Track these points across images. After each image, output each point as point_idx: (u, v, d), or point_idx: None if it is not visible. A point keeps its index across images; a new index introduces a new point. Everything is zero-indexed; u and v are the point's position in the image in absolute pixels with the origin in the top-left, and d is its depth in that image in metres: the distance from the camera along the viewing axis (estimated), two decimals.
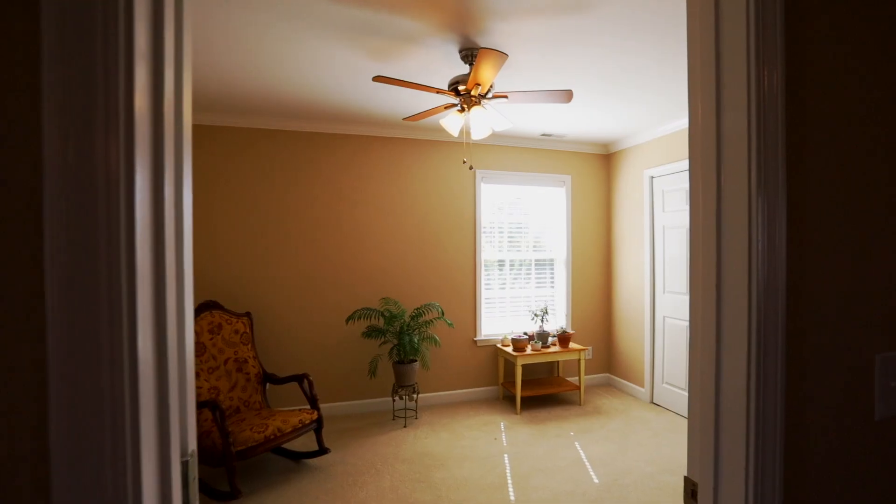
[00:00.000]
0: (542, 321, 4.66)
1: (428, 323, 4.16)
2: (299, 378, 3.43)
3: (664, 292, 4.47)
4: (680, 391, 4.29)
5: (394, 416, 4.26)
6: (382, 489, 2.99)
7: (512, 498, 2.89)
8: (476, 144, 4.70)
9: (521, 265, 5.04)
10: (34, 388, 0.57)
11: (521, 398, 4.44)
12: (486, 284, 4.88)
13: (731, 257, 0.78)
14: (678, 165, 4.26)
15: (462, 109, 2.87)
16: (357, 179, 4.42)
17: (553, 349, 4.53)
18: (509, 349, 4.53)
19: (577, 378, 4.95)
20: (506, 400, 4.71)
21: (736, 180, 0.78)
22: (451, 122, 2.93)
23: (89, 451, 0.57)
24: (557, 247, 5.16)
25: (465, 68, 2.89)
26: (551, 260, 5.15)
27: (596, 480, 3.09)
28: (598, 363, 5.24)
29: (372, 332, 4.00)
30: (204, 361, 3.36)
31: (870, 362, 0.88)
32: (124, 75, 0.59)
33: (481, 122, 2.86)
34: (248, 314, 3.75)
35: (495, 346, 4.81)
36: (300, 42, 2.62)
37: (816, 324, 0.84)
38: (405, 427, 4.03)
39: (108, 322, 0.58)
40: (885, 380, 0.87)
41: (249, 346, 3.65)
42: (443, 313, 4.29)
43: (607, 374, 5.27)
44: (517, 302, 5.02)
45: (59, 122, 0.56)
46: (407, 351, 3.99)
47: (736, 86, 0.79)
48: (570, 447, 3.62)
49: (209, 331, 3.47)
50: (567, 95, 2.79)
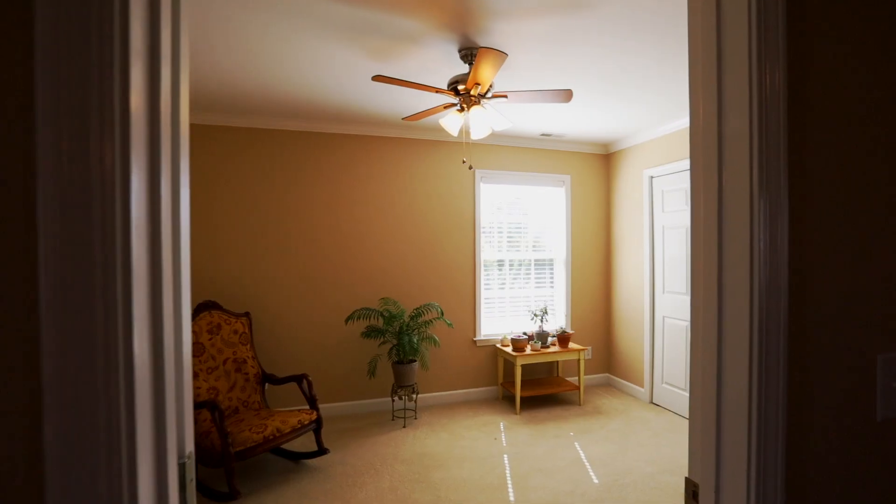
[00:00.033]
0: (542, 321, 4.66)
1: (427, 323, 4.15)
2: (298, 378, 3.43)
3: (664, 292, 4.47)
4: (679, 391, 4.29)
5: (393, 416, 4.25)
6: (382, 490, 2.99)
7: (511, 498, 2.89)
8: (475, 144, 4.69)
9: (520, 265, 5.04)
10: (28, 388, 0.56)
11: (521, 398, 4.43)
12: (485, 284, 4.87)
13: (733, 257, 0.78)
14: (678, 165, 4.25)
15: (461, 109, 2.86)
16: (356, 179, 4.42)
17: (552, 349, 4.53)
18: (509, 349, 4.52)
19: (576, 378, 4.95)
20: (505, 400, 4.70)
21: (737, 180, 0.77)
22: (451, 122, 2.92)
23: (84, 453, 0.57)
24: (557, 247, 5.15)
25: (464, 68, 2.88)
26: (551, 260, 5.15)
27: (595, 481, 3.09)
28: (597, 363, 5.24)
29: (371, 333, 4.00)
30: (203, 362, 3.35)
31: (872, 363, 0.87)
32: (119, 74, 0.59)
33: (481, 121, 2.86)
34: (247, 314, 3.75)
35: (495, 346, 4.81)
36: (300, 42, 2.61)
37: (818, 324, 0.84)
38: (404, 427, 4.03)
39: (103, 322, 0.57)
40: (886, 380, 0.87)
41: (248, 346, 3.64)
42: (442, 313, 4.28)
43: (607, 374, 5.27)
44: (516, 302, 5.02)
45: (54, 121, 0.55)
46: (406, 351, 3.98)
47: (738, 85, 0.79)
48: (569, 447, 3.61)
49: (208, 331, 3.46)
50: (567, 95, 2.79)
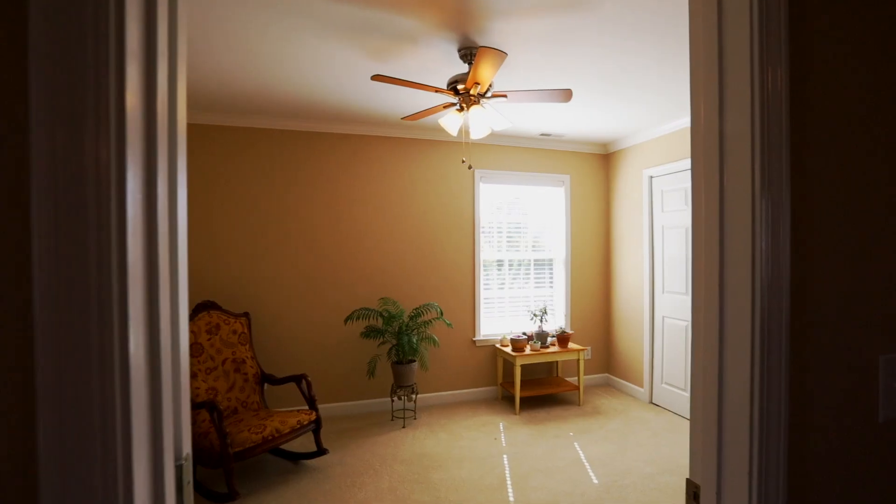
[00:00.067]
0: (541, 321, 4.65)
1: (427, 323, 4.15)
2: (297, 378, 3.42)
3: (663, 292, 4.47)
4: (679, 391, 4.28)
5: (392, 416, 4.25)
6: (381, 490, 2.98)
7: (511, 499, 2.88)
8: (475, 144, 4.69)
9: (519, 265, 5.03)
10: (21, 389, 0.55)
11: (520, 398, 4.43)
12: (484, 284, 4.87)
13: (734, 258, 0.77)
14: (677, 165, 4.25)
15: (461, 109, 2.85)
16: (356, 179, 4.41)
17: (552, 349, 4.52)
18: (508, 349, 4.52)
19: (576, 378, 4.94)
20: (505, 400, 4.70)
21: (739, 180, 0.77)
22: (450, 122, 2.92)
23: (78, 455, 0.56)
24: (556, 247, 5.15)
25: (464, 67, 2.88)
26: (550, 260, 5.14)
27: (595, 481, 3.08)
28: (597, 363, 5.24)
29: (370, 333, 3.99)
30: (202, 362, 3.34)
31: (873, 363, 0.87)
32: (115, 73, 0.58)
33: (480, 121, 2.85)
34: (246, 314, 3.74)
35: (494, 346, 4.80)
36: (300, 41, 2.60)
37: (820, 325, 0.83)
38: (404, 428, 4.02)
39: (97, 322, 0.57)
40: (888, 381, 0.86)
41: (247, 346, 3.63)
42: (441, 313, 4.27)
43: (606, 375, 5.27)
44: (516, 302, 5.01)
45: (48, 120, 0.55)
46: (406, 351, 3.97)
47: (739, 85, 0.78)
48: (569, 447, 3.61)
49: (207, 331, 3.45)
50: (566, 95, 2.78)
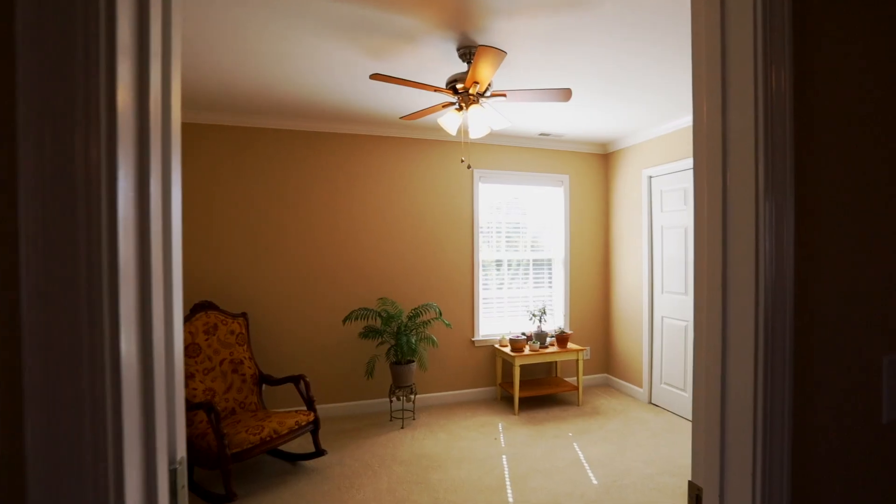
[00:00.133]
0: (540, 321, 4.64)
1: (425, 323, 4.13)
2: (296, 379, 3.40)
3: (662, 292, 4.46)
4: (678, 391, 4.27)
5: (391, 417, 4.23)
6: (379, 491, 2.97)
7: (510, 499, 2.87)
8: (474, 144, 4.68)
9: (518, 265, 5.02)
10: (8, 390, 0.54)
11: (519, 399, 4.42)
12: (483, 284, 4.86)
13: (738, 259, 0.76)
14: (677, 165, 4.24)
15: (460, 108, 2.84)
16: (354, 178, 4.40)
17: (551, 349, 4.51)
18: (507, 349, 4.51)
19: (575, 378, 4.93)
20: (504, 400, 4.69)
21: (742, 181, 0.76)
22: (449, 121, 2.91)
23: (68, 459, 0.55)
24: (555, 247, 5.14)
25: (463, 66, 2.87)
26: (549, 260, 5.13)
27: (595, 481, 3.07)
28: (596, 363, 5.23)
29: (369, 333, 3.98)
30: (199, 362, 3.33)
31: (877, 364, 0.86)
32: (106, 70, 0.57)
33: (479, 120, 2.84)
34: (243, 315, 3.72)
35: (493, 346, 4.79)
36: (298, 40, 2.59)
37: (823, 325, 0.82)
38: (402, 428, 4.01)
39: (88, 323, 0.55)
40: (892, 382, 0.85)
41: (245, 346, 3.62)
42: (440, 314, 4.26)
43: (605, 375, 5.26)
44: (515, 302, 5.00)
45: (35, 117, 0.53)
46: (404, 351, 3.96)
47: (742, 84, 0.77)
48: (568, 448, 3.60)
49: (204, 331, 3.43)
50: (566, 94, 2.77)
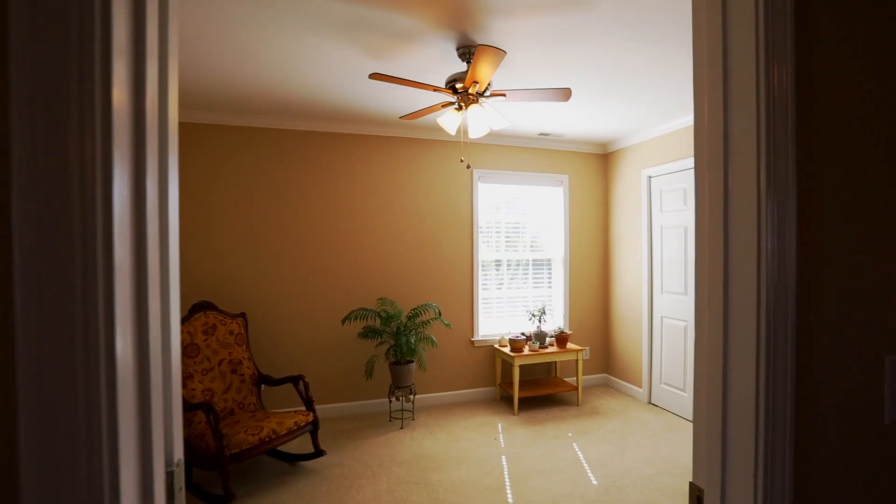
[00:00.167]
0: (540, 321, 4.63)
1: (425, 323, 4.13)
2: (295, 379, 3.40)
3: (662, 292, 4.46)
4: (678, 391, 4.27)
5: (390, 417, 4.22)
6: (379, 491, 2.96)
7: (510, 500, 2.86)
8: (473, 143, 4.67)
9: (518, 265, 5.02)
10: (2, 391, 0.53)
11: (519, 399, 4.41)
12: (483, 284, 4.85)
13: (739, 258, 0.76)
14: (676, 165, 4.24)
15: (459, 108, 2.84)
16: (354, 178, 4.39)
17: (550, 349, 4.51)
18: (507, 350, 4.50)
19: (574, 378, 4.93)
20: (503, 401, 4.68)
21: (744, 180, 0.75)
22: (449, 121, 2.90)
23: (62, 461, 0.54)
24: (555, 247, 5.13)
25: (462, 66, 2.86)
26: (549, 260, 5.13)
27: (594, 482, 3.07)
28: (595, 363, 5.22)
29: (368, 333, 3.97)
30: (198, 363, 3.32)
31: (879, 364, 0.85)
32: (101, 69, 0.56)
33: (479, 120, 2.83)
34: (242, 315, 3.71)
35: (492, 346, 4.78)
36: (298, 40, 2.58)
37: (824, 325, 0.82)
38: (402, 428, 4.00)
39: (82, 322, 0.55)
40: (894, 382, 0.85)
41: (244, 347, 3.61)
42: (440, 314, 4.25)
43: (605, 375, 5.26)
44: (514, 302, 5.00)
45: (28, 116, 0.53)
46: (404, 352, 3.95)
47: (744, 82, 0.76)
48: (568, 448, 3.59)
49: (203, 332, 3.42)
50: (565, 94, 2.76)
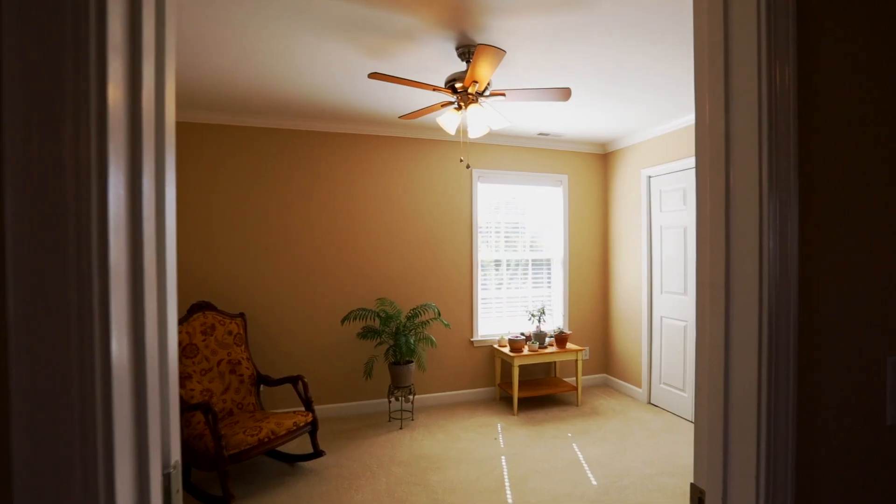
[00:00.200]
0: (539, 321, 4.63)
1: (424, 324, 4.12)
2: (294, 380, 3.39)
3: (661, 292, 4.45)
4: (677, 391, 4.27)
5: (390, 417, 4.22)
6: (378, 492, 2.95)
7: (510, 500, 2.86)
8: (473, 143, 4.66)
9: (517, 265, 5.01)
10: None
11: (518, 399, 4.41)
12: (482, 285, 4.85)
13: (741, 257, 0.75)
14: (676, 165, 4.24)
15: (459, 107, 2.83)
16: (353, 178, 4.38)
17: (550, 350, 4.50)
18: (506, 350, 4.49)
19: (574, 379, 4.92)
20: (503, 401, 4.68)
21: (746, 179, 0.75)
22: (448, 121, 2.89)
23: (55, 464, 0.53)
24: (554, 247, 5.13)
25: (462, 65, 2.86)
26: (548, 260, 5.12)
27: (594, 482, 3.06)
28: (595, 364, 5.22)
29: (367, 333, 3.96)
30: (197, 363, 3.31)
31: (881, 365, 0.85)
32: (96, 68, 0.56)
33: (478, 120, 2.82)
34: (241, 315, 3.70)
35: (492, 346, 4.78)
36: (297, 39, 2.58)
37: (826, 325, 0.81)
38: (401, 429, 3.99)
39: (77, 325, 0.54)
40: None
41: (243, 347, 3.60)
42: (439, 314, 4.25)
43: (604, 375, 5.25)
44: (514, 302, 4.99)
45: (22, 114, 0.52)
46: (403, 352, 3.95)
47: (746, 81, 0.76)
48: (567, 448, 3.59)
49: (202, 332, 3.42)
50: (565, 93, 2.76)
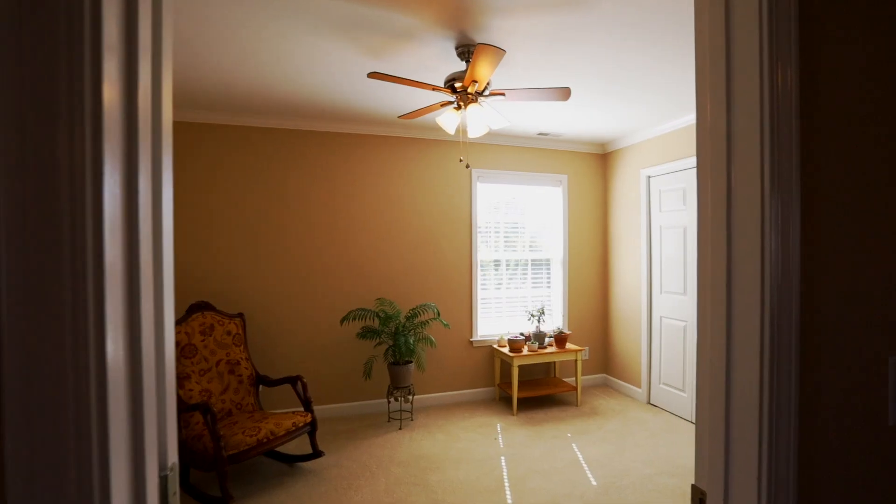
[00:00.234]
0: (539, 321, 4.62)
1: (424, 324, 4.11)
2: (293, 380, 3.38)
3: (661, 292, 4.45)
4: (677, 391, 4.26)
5: (389, 418, 4.21)
6: (377, 492, 2.95)
7: (509, 501, 2.85)
8: (472, 143, 4.66)
9: (517, 265, 5.01)
10: None
11: (518, 399, 4.40)
12: (482, 285, 4.84)
13: (742, 257, 0.75)
14: (675, 165, 4.23)
15: (458, 107, 2.82)
16: (352, 178, 4.37)
17: (549, 350, 4.50)
18: (506, 350, 4.49)
19: (573, 379, 4.92)
20: (502, 401, 4.67)
21: (748, 180, 0.74)
22: (448, 120, 2.89)
23: (50, 468, 0.53)
24: (554, 247, 5.12)
25: (461, 65, 2.85)
26: (547, 260, 5.12)
27: (594, 482, 3.06)
28: (594, 364, 5.22)
29: (367, 333, 3.95)
30: (195, 363, 3.30)
31: (883, 365, 0.84)
32: (90, 67, 0.55)
33: (478, 120, 2.82)
34: (240, 315, 3.70)
35: (491, 346, 4.77)
36: (296, 38, 2.57)
37: (829, 325, 0.81)
38: (400, 429, 3.99)
39: (71, 325, 0.53)
40: None
41: (242, 347, 3.59)
42: (438, 314, 4.24)
43: (604, 375, 5.25)
44: (513, 302, 4.99)
45: (15, 113, 0.51)
46: (402, 352, 3.94)
47: (748, 82, 0.75)
48: (567, 448, 3.58)
49: (201, 332, 3.41)
50: (565, 93, 2.75)
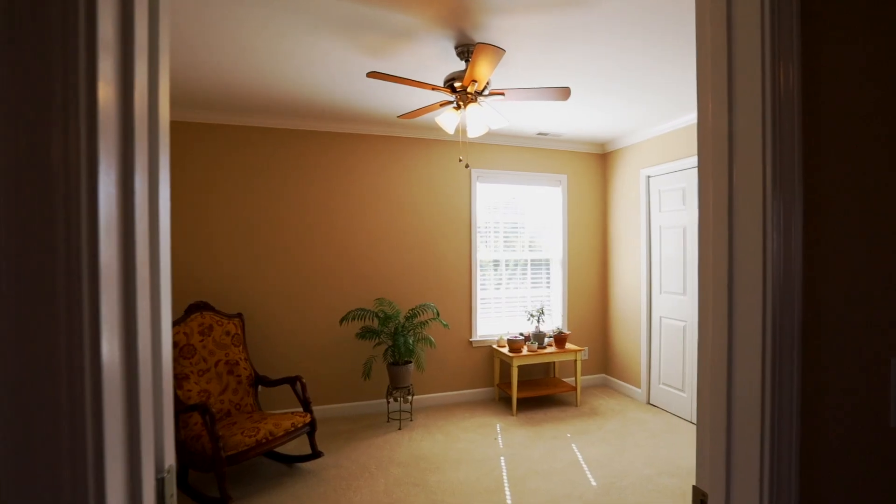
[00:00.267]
0: (538, 322, 4.62)
1: (423, 324, 4.11)
2: (292, 380, 3.37)
3: (661, 292, 4.45)
4: (677, 392, 4.26)
5: (388, 418, 4.21)
6: (377, 493, 2.94)
7: (509, 501, 2.85)
8: (472, 143, 4.65)
9: (516, 265, 5.00)
10: None
11: (517, 399, 4.39)
12: (481, 285, 4.83)
13: (744, 257, 0.74)
14: (675, 165, 4.23)
15: (458, 107, 2.82)
16: (351, 178, 4.37)
17: (549, 350, 4.49)
18: (505, 350, 4.48)
19: (573, 379, 4.91)
20: (502, 401, 4.67)
21: (749, 179, 0.74)
22: (447, 120, 2.88)
23: (43, 470, 0.52)
24: (553, 247, 5.12)
25: (461, 65, 2.85)
26: (547, 260, 5.11)
27: (593, 483, 3.06)
28: (594, 364, 5.21)
29: (366, 334, 3.95)
30: (194, 364, 3.29)
31: (885, 366, 0.84)
32: (85, 66, 0.55)
33: (477, 119, 2.81)
34: (239, 315, 3.69)
35: (491, 346, 4.77)
36: (295, 38, 2.56)
37: (830, 326, 0.80)
38: (400, 429, 3.98)
39: (66, 326, 0.53)
40: None
41: (241, 347, 3.58)
42: (438, 314, 4.24)
43: (604, 375, 5.24)
44: (513, 302, 4.98)
45: (9, 112, 0.51)
46: (402, 352, 3.94)
47: (749, 82, 0.75)
48: (566, 449, 3.58)
49: (199, 332, 3.40)
50: (564, 93, 2.75)
